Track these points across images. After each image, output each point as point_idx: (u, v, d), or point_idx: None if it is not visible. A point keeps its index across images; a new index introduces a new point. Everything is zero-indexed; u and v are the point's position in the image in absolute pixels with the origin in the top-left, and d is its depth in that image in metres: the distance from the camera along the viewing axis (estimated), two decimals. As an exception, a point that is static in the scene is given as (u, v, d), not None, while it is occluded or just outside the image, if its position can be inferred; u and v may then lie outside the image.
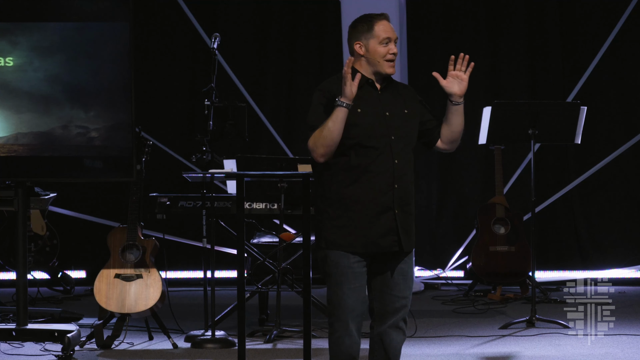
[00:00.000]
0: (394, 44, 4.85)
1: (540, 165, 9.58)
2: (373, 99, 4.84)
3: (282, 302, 7.36)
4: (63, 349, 6.39)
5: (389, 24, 4.88)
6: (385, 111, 4.82)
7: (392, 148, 4.78)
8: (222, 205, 7.36)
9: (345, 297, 4.82)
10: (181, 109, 10.11)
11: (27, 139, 6.51)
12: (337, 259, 4.83)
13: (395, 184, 4.78)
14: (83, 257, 9.90)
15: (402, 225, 4.81)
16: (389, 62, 4.84)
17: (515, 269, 8.96)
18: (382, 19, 4.88)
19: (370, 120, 4.79)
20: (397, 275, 4.85)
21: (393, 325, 4.88)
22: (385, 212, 4.79)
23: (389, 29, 4.85)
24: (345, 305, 4.83)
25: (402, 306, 4.87)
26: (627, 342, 7.10)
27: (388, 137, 4.78)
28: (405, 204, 4.82)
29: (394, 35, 4.86)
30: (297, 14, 10.14)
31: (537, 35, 9.97)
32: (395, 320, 4.88)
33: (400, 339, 4.91)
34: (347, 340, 4.87)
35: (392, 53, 4.83)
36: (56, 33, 6.49)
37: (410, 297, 4.89)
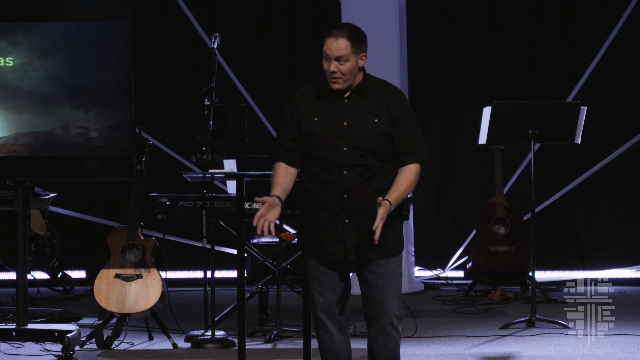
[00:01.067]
0: (333, 61, 4.81)
1: (540, 165, 9.58)
2: (333, 108, 4.82)
3: (282, 302, 7.36)
4: (63, 349, 6.39)
5: (332, 40, 4.85)
6: (343, 121, 4.78)
7: (342, 158, 4.74)
8: (222, 205, 7.36)
9: (316, 294, 4.88)
10: (181, 109, 10.11)
11: (27, 139, 6.51)
12: (308, 260, 4.90)
13: (345, 195, 4.74)
14: (83, 257, 9.90)
15: (352, 235, 4.76)
16: (329, 79, 4.83)
17: (515, 269, 8.96)
18: (328, 35, 4.88)
19: (323, 130, 4.78)
20: (375, 279, 4.81)
21: (379, 330, 4.85)
22: (335, 221, 4.78)
23: (329, 45, 4.85)
24: (317, 303, 4.88)
25: (383, 311, 4.81)
26: (627, 342, 7.10)
27: (339, 147, 4.75)
28: (360, 214, 4.75)
29: (333, 53, 4.83)
30: (297, 13, 10.13)
31: (537, 35, 9.97)
32: (379, 325, 4.84)
33: (391, 345, 4.84)
34: (327, 337, 4.91)
35: (331, 71, 4.81)
36: (56, 33, 6.49)
37: (392, 302, 4.80)
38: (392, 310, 4.81)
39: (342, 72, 4.79)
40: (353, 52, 4.80)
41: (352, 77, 4.82)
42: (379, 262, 4.79)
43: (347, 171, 4.73)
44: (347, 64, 4.79)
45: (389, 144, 4.77)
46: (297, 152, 4.84)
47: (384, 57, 9.27)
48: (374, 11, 9.37)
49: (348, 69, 4.79)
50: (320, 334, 4.92)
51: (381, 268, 4.80)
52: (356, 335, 7.33)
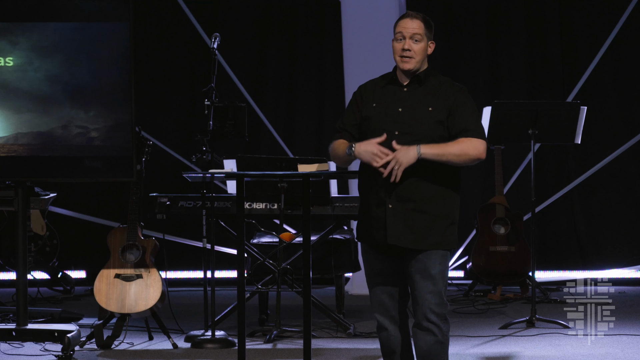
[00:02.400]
0: (408, 40, 4.90)
1: (540, 165, 9.58)
2: (392, 95, 4.95)
3: (282, 302, 7.36)
4: (63, 349, 6.39)
5: (408, 20, 4.94)
6: (398, 107, 4.90)
7: (393, 143, 4.81)
8: (222, 205, 7.36)
9: (370, 292, 5.03)
10: (181, 109, 10.11)
11: (27, 139, 6.51)
12: (363, 255, 5.03)
13: (391, 179, 4.81)
14: (83, 257, 9.90)
15: (394, 220, 4.84)
16: (400, 58, 4.92)
17: (515, 269, 8.96)
18: (404, 16, 4.98)
19: (379, 114, 4.92)
20: (415, 274, 4.89)
21: (418, 325, 4.94)
22: (380, 206, 4.88)
23: (404, 24, 4.93)
24: (371, 300, 5.03)
25: (419, 306, 4.89)
26: (627, 342, 7.10)
27: (391, 131, 4.85)
28: (404, 200, 4.84)
29: (408, 32, 4.91)
30: (297, 14, 10.14)
31: (537, 35, 9.97)
32: (418, 320, 4.92)
33: (429, 340, 4.90)
34: (383, 333, 5.02)
35: (404, 49, 4.90)
36: (56, 33, 6.49)
37: (428, 296, 4.87)
38: (429, 305, 4.88)
39: (415, 51, 4.90)
40: (425, 35, 4.95)
41: (421, 61, 4.95)
42: (419, 257, 4.87)
43: None
44: (420, 43, 4.93)
45: (441, 134, 4.86)
46: (354, 137, 4.98)
47: (384, 57, 9.25)
48: (374, 11, 9.38)
49: (420, 49, 4.92)
50: (377, 330, 5.06)
51: (419, 263, 4.88)
52: (356, 335, 7.34)
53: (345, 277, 8.44)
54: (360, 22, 9.42)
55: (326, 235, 7.64)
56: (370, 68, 9.72)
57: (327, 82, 10.08)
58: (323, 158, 6.78)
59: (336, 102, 9.90)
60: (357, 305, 8.77)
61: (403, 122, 4.87)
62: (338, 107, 9.83)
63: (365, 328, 7.57)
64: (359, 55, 9.39)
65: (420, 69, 4.95)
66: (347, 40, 9.51)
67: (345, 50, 9.53)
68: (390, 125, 4.87)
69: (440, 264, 4.89)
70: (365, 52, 9.34)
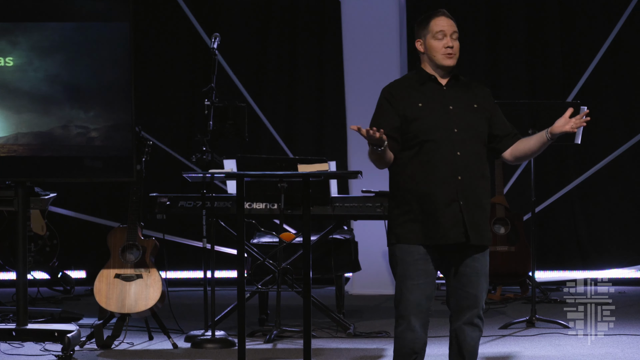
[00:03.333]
0: (449, 37, 4.90)
1: (540, 165, 9.58)
2: (436, 93, 4.92)
3: (282, 302, 7.36)
4: (63, 349, 6.39)
5: (445, 18, 4.93)
6: (448, 105, 4.89)
7: (454, 140, 4.83)
8: (222, 205, 7.36)
9: (408, 293, 4.90)
10: (181, 109, 10.11)
11: (27, 139, 6.51)
12: (403, 255, 4.90)
13: (459, 176, 4.82)
14: (83, 257, 9.90)
15: (468, 217, 4.84)
16: (444, 55, 4.90)
17: (515, 269, 8.96)
18: (439, 15, 4.94)
19: (431, 113, 4.87)
20: (469, 271, 4.90)
21: (467, 322, 4.95)
22: (450, 203, 4.84)
23: (442, 22, 4.91)
24: (408, 301, 4.90)
25: (475, 303, 4.92)
26: (627, 342, 7.10)
27: (450, 129, 4.84)
28: (472, 196, 4.85)
29: (449, 29, 4.90)
30: (297, 14, 10.14)
31: (537, 35, 9.97)
32: (469, 317, 4.94)
33: (476, 335, 4.97)
34: (409, 335, 4.94)
35: (448, 46, 4.89)
36: (56, 33, 6.49)
37: (483, 294, 4.92)
38: (482, 303, 4.95)
39: (455, 48, 4.91)
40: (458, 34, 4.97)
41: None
42: (476, 255, 4.88)
43: (460, 152, 4.83)
44: (457, 41, 4.94)
45: (486, 129, 4.92)
46: (398, 141, 4.88)
47: (384, 57, 9.27)
48: (374, 11, 9.38)
49: (458, 47, 4.94)
50: (403, 331, 4.94)
51: (477, 262, 4.90)
52: (356, 335, 7.34)
53: (345, 277, 8.44)
54: (360, 22, 9.42)
55: (326, 235, 7.64)
56: (370, 68, 9.78)
57: (327, 82, 10.08)
58: (323, 158, 6.78)
59: (336, 102, 9.90)
60: (357, 305, 8.77)
61: (459, 119, 4.86)
62: (338, 107, 9.83)
63: (365, 328, 7.57)
64: (359, 55, 9.39)
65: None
66: (347, 40, 9.51)
67: (345, 50, 9.53)
68: (446, 122, 4.85)
69: (488, 261, 4.96)
70: (365, 52, 9.34)
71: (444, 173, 4.83)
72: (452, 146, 4.83)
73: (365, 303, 8.90)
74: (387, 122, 4.86)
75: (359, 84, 9.32)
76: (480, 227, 4.87)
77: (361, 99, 9.29)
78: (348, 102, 9.53)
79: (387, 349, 6.93)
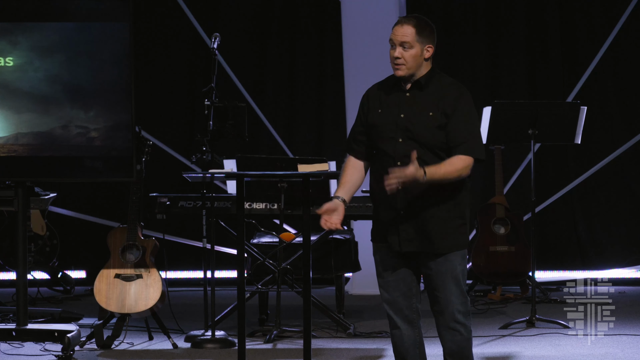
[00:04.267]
0: (398, 47, 4.87)
1: (540, 165, 9.58)
2: (395, 100, 4.91)
3: (282, 302, 7.36)
4: (63, 349, 6.39)
5: (398, 27, 4.90)
6: (400, 113, 4.87)
7: (396, 150, 4.83)
8: (222, 205, 7.36)
9: (382, 290, 4.99)
10: (181, 109, 10.11)
11: (27, 139, 6.51)
12: (375, 253, 5.00)
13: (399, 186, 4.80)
14: (83, 257, 9.90)
15: (405, 227, 4.85)
16: (393, 65, 4.90)
17: (515, 269, 8.96)
18: (398, 24, 4.93)
19: (384, 121, 4.89)
20: (433, 275, 4.91)
21: (444, 326, 4.96)
22: (390, 212, 4.88)
23: (395, 32, 4.89)
24: (384, 299, 4.98)
25: (444, 307, 4.91)
26: (627, 342, 7.10)
27: (395, 139, 4.85)
28: (416, 206, 4.85)
29: (397, 39, 4.87)
30: (297, 14, 10.13)
31: (537, 35, 9.97)
32: (443, 321, 4.94)
33: (457, 339, 4.94)
34: (396, 333, 5.00)
35: (395, 57, 4.88)
36: (56, 33, 6.49)
37: (453, 298, 4.90)
38: (454, 306, 4.91)
39: (406, 58, 4.86)
40: (418, 40, 4.88)
41: (416, 67, 4.89)
42: (437, 259, 4.88)
43: (400, 163, 4.81)
44: (411, 50, 4.87)
45: (443, 139, 4.84)
46: (365, 144, 4.97)
47: (384, 57, 9.24)
48: (374, 11, 9.37)
49: (411, 56, 4.86)
50: (391, 330, 5.03)
51: (440, 265, 4.89)
52: (356, 335, 7.34)
53: (345, 277, 8.44)
54: (360, 22, 9.42)
55: (326, 235, 7.64)
56: (370, 67, 9.76)
57: (327, 82, 10.08)
58: (323, 158, 6.79)
59: (336, 102, 9.90)
60: (357, 305, 8.77)
61: (405, 129, 4.84)
62: (338, 107, 9.83)
63: (365, 328, 7.57)
64: (359, 55, 9.39)
65: (418, 74, 4.90)
66: (347, 40, 9.51)
67: (345, 50, 9.53)
68: (393, 132, 4.85)
69: (460, 264, 4.91)
70: (365, 51, 9.34)
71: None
72: (393, 156, 4.84)
73: (365, 303, 8.90)
74: (357, 125, 5.02)
75: (359, 84, 9.28)
76: (419, 236, 4.86)
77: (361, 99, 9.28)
78: (348, 102, 9.53)
79: (387, 349, 6.93)
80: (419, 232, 4.86)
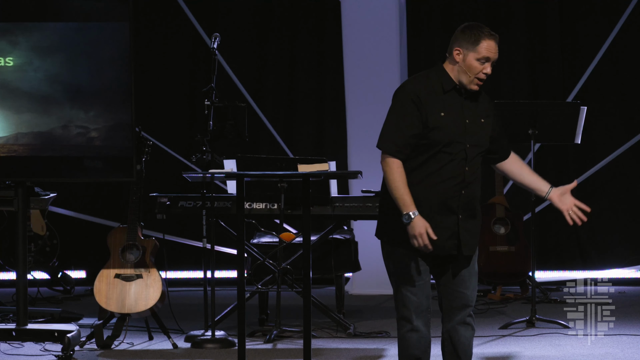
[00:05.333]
0: (490, 65, 4.91)
1: (540, 165, 9.57)
2: (457, 104, 4.88)
3: (282, 302, 7.36)
4: (63, 349, 6.39)
5: (495, 44, 4.94)
6: (465, 118, 4.87)
7: (467, 155, 4.85)
8: (222, 205, 7.36)
9: (410, 294, 4.93)
10: (181, 109, 10.11)
11: (27, 139, 6.51)
12: (401, 257, 4.92)
13: (463, 190, 4.85)
14: (83, 257, 9.90)
15: (464, 231, 4.89)
16: (478, 79, 4.88)
17: (515, 269, 8.96)
18: (492, 38, 4.95)
19: (450, 124, 4.83)
20: (462, 271, 4.94)
21: (460, 321, 4.98)
22: (449, 216, 4.86)
23: (492, 49, 4.92)
24: (410, 302, 4.94)
25: (468, 302, 4.96)
26: (627, 342, 7.10)
27: (464, 144, 4.84)
28: (470, 210, 4.89)
29: (494, 57, 4.92)
30: (297, 14, 10.13)
31: (537, 35, 9.97)
32: (462, 316, 4.97)
33: (469, 335, 5.00)
34: (413, 336, 4.97)
35: (485, 73, 4.89)
36: (56, 33, 6.49)
37: (474, 293, 4.98)
38: (474, 301, 5.00)
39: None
40: None
41: None
42: (472, 258, 4.95)
43: (468, 168, 4.84)
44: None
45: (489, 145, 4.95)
46: (413, 147, 4.84)
47: (384, 57, 9.27)
48: (374, 11, 9.37)
49: None
50: (407, 332, 4.96)
51: (473, 263, 4.96)
52: (356, 335, 7.34)
53: (345, 277, 8.44)
54: (360, 22, 9.42)
55: (326, 235, 7.64)
56: (370, 68, 9.77)
57: (327, 82, 10.07)
58: (323, 158, 6.78)
59: (336, 102, 9.90)
60: (357, 305, 8.77)
61: (471, 134, 4.86)
62: (338, 107, 9.83)
63: (365, 328, 7.57)
64: (359, 55, 9.39)
65: None
66: (347, 40, 9.51)
67: (345, 50, 9.53)
68: (461, 137, 4.84)
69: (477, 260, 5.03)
70: (365, 52, 9.34)
71: (450, 186, 4.84)
72: (463, 161, 4.84)
73: (365, 303, 8.90)
74: (411, 127, 4.81)
75: (359, 84, 9.32)
76: (472, 239, 4.94)
77: (361, 98, 9.29)
78: (348, 102, 9.52)
79: (387, 349, 6.93)
80: (473, 234, 4.92)
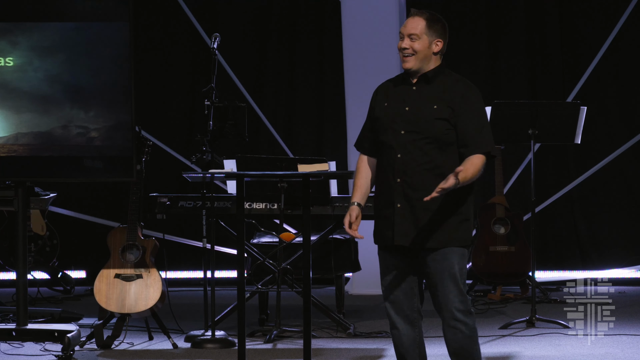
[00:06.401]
0: (406, 38, 4.89)
1: (540, 165, 9.58)
2: (403, 93, 4.92)
3: (282, 302, 7.36)
4: (63, 349, 6.39)
5: (410, 19, 4.94)
6: (405, 106, 4.88)
7: (399, 142, 4.83)
8: (222, 205, 7.36)
9: (383, 289, 4.98)
10: (181, 109, 10.11)
11: (27, 139, 6.51)
12: (378, 253, 5.00)
13: (398, 178, 4.82)
14: (83, 257, 9.90)
15: (401, 220, 4.84)
16: (401, 57, 4.91)
17: (515, 269, 8.96)
18: (410, 16, 4.97)
19: (388, 114, 4.90)
20: (431, 272, 4.90)
21: (444, 324, 4.95)
22: (388, 206, 4.88)
23: (406, 24, 4.93)
24: (385, 297, 4.98)
25: (443, 305, 4.89)
26: (627, 342, 7.10)
27: (397, 131, 4.85)
28: (414, 199, 4.83)
29: (406, 30, 4.90)
30: (297, 14, 10.14)
31: (537, 35, 9.97)
32: (445, 318, 4.92)
33: (459, 337, 4.91)
34: (395, 333, 5.00)
35: (402, 48, 4.89)
36: (56, 33, 6.49)
37: (451, 296, 4.86)
38: (453, 304, 4.88)
39: (414, 49, 4.87)
40: (427, 33, 4.91)
41: (424, 60, 4.90)
42: (435, 256, 4.86)
43: (401, 154, 4.83)
44: (418, 41, 4.89)
45: (445, 131, 4.83)
46: (372, 140, 4.97)
47: (384, 57, 9.27)
48: (374, 11, 9.38)
49: (420, 48, 4.88)
50: (390, 329, 5.03)
51: (438, 263, 4.86)
52: (356, 335, 7.34)
53: (345, 277, 8.44)
54: (360, 21, 9.42)
55: (326, 235, 7.64)
56: (370, 67, 9.78)
57: (327, 82, 10.08)
58: (323, 158, 6.79)
59: (336, 102, 9.90)
60: (357, 305, 8.77)
61: (408, 121, 4.84)
62: (338, 107, 9.83)
63: (365, 328, 7.57)
64: (359, 54, 9.39)
65: (425, 68, 4.90)
66: (347, 40, 9.51)
67: (345, 50, 9.53)
68: (396, 124, 4.86)
69: (458, 263, 4.88)
70: (365, 51, 9.34)
71: (387, 175, 4.88)
72: (395, 148, 4.84)
73: (365, 303, 8.90)
74: (366, 124, 5.04)
75: (359, 83, 9.32)
76: (412, 229, 4.85)
77: (361, 99, 9.25)
78: (348, 102, 9.53)
79: (387, 349, 6.93)
80: (414, 226, 4.85)
